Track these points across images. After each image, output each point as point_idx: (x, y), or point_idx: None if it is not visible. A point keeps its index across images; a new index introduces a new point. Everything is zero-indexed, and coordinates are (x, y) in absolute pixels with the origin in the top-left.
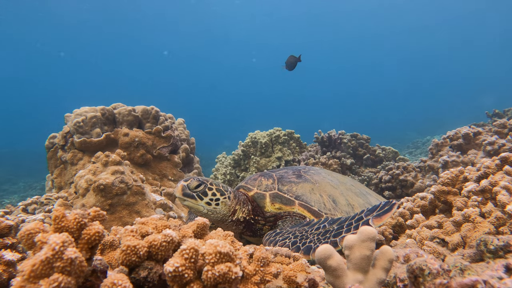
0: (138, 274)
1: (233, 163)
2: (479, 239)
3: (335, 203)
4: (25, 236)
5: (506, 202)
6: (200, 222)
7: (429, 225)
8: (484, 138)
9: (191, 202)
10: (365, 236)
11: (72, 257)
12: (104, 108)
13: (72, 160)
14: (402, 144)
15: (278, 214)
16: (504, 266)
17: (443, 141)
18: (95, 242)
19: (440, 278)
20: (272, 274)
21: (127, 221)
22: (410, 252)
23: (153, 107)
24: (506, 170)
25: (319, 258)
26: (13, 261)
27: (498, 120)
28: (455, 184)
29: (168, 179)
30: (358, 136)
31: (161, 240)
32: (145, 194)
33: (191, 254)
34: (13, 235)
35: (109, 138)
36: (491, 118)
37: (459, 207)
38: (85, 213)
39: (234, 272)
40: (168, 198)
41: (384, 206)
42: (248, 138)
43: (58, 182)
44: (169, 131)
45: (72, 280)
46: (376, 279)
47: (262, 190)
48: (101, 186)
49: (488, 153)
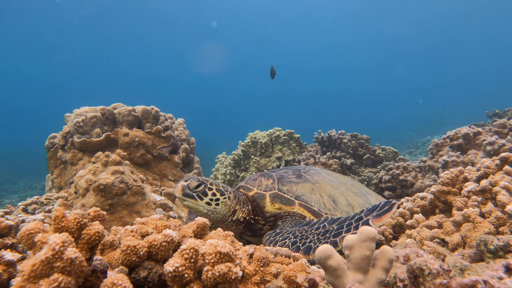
0: (138, 274)
1: (233, 163)
2: (479, 239)
3: (335, 203)
4: (25, 236)
5: (506, 202)
6: (200, 222)
7: (429, 225)
8: (484, 138)
9: (191, 202)
10: (365, 236)
11: (72, 257)
12: (104, 108)
13: (72, 160)
14: (402, 144)
15: (278, 214)
16: (504, 266)
17: (443, 141)
18: (95, 242)
19: (440, 278)
20: (272, 274)
21: (127, 221)
22: (410, 252)
23: (153, 107)
24: (506, 170)
25: (319, 258)
26: (13, 261)
27: (498, 120)
28: (455, 184)
29: (168, 179)
30: (358, 136)
31: (161, 240)
32: (145, 194)
33: (191, 254)
34: (13, 235)
35: (109, 138)
36: (491, 118)
37: (459, 207)
38: (85, 213)
39: (234, 272)
40: (168, 198)
41: (384, 206)
42: (248, 138)
43: (58, 182)
44: (169, 131)
45: (72, 280)
46: (376, 279)
47: (262, 190)
48: (101, 186)
49: (488, 153)
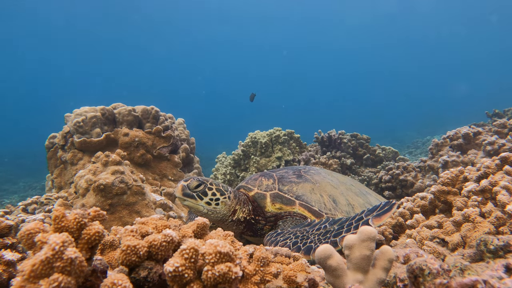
0: (138, 274)
1: (233, 163)
2: (479, 239)
3: (335, 203)
4: (25, 236)
5: (506, 202)
6: (200, 222)
7: (429, 225)
8: (484, 138)
9: (191, 202)
10: (365, 236)
11: (72, 257)
12: (104, 108)
13: (72, 160)
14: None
15: (279, 214)
16: (504, 266)
17: (443, 141)
18: (95, 242)
19: (440, 278)
20: (272, 274)
21: (127, 221)
22: (410, 252)
23: (153, 107)
24: (506, 170)
25: (319, 258)
26: (13, 261)
27: (498, 120)
28: (455, 184)
29: (168, 179)
30: (358, 136)
31: (161, 240)
32: (145, 194)
33: (191, 254)
34: (13, 235)
35: (109, 138)
36: (491, 118)
37: (459, 207)
38: (85, 213)
39: (234, 272)
40: (168, 198)
41: (384, 206)
42: (248, 138)
43: (58, 182)
44: (169, 131)
45: (72, 280)
46: (376, 279)
47: (262, 190)
48: (101, 186)
49: (488, 153)
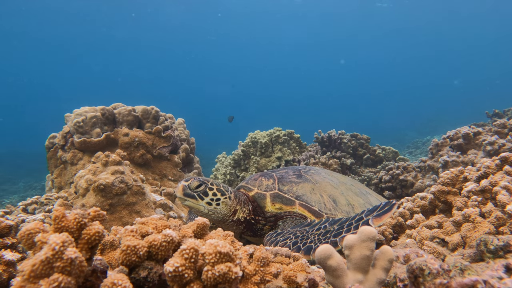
0: (138, 274)
1: (233, 163)
2: (479, 239)
3: (335, 203)
4: (25, 236)
5: (506, 202)
6: (200, 222)
7: (429, 225)
8: (484, 138)
9: (192, 202)
10: (365, 236)
11: (72, 257)
12: (104, 108)
13: (72, 160)
14: (402, 144)
15: (279, 214)
16: (504, 266)
17: (443, 141)
18: (95, 242)
19: (440, 278)
20: (272, 274)
21: (127, 221)
22: (410, 252)
23: (153, 107)
24: (506, 170)
25: (319, 258)
26: (13, 261)
27: (498, 120)
28: (455, 184)
29: (168, 179)
30: (358, 136)
31: (161, 240)
32: (145, 194)
33: (191, 254)
34: (13, 235)
35: (109, 138)
36: (491, 118)
37: (459, 207)
38: (85, 213)
39: (234, 272)
40: (168, 198)
41: (384, 206)
42: (248, 138)
43: (58, 182)
44: (169, 131)
45: (72, 280)
46: (376, 279)
47: (262, 190)
48: (101, 186)
49: (488, 153)
